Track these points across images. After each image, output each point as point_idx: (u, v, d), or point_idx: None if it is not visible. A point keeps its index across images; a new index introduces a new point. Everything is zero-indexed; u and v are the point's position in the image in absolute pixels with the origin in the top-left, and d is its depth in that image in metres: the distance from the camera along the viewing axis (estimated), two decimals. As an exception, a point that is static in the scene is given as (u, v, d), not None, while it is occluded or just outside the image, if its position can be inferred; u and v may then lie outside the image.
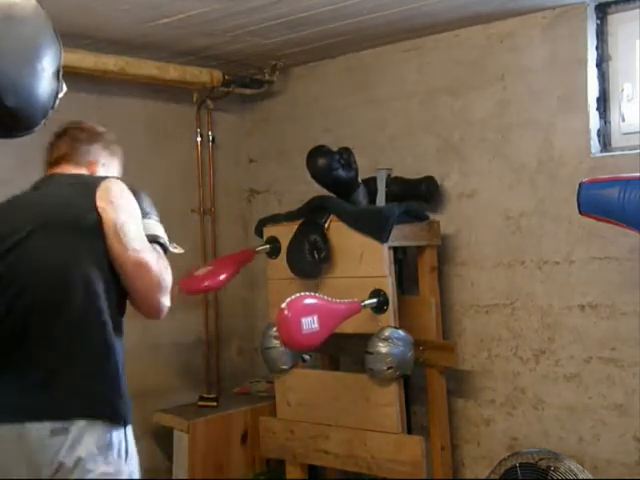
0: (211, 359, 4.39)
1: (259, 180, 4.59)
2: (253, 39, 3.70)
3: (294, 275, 3.57)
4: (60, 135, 2.39)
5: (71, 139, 2.37)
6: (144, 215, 2.26)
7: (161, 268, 2.15)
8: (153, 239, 2.23)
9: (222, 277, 3.66)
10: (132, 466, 2.13)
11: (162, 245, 2.26)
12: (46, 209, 2.17)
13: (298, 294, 3.10)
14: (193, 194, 4.36)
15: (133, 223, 2.16)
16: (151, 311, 2.19)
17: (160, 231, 2.28)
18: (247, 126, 4.61)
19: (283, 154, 4.41)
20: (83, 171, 2.33)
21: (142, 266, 2.11)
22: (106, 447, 2.05)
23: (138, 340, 3.67)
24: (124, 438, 2.10)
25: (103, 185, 2.16)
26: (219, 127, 4.47)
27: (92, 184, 2.17)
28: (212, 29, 3.50)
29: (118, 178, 2.28)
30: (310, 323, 3.00)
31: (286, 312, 2.98)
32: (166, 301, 2.17)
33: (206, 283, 3.66)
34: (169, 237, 2.45)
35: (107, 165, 2.40)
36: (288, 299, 3.03)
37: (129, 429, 2.12)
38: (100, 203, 2.11)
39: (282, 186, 4.43)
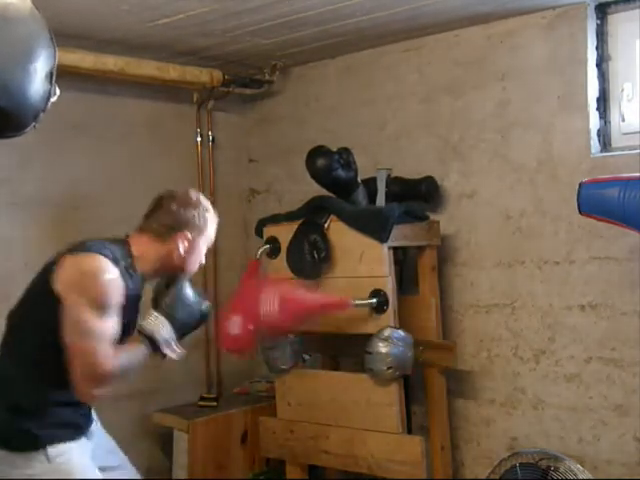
0: (211, 359, 4.39)
1: (259, 180, 4.58)
2: (253, 39, 3.69)
3: (294, 275, 3.57)
4: (153, 203, 2.43)
5: (160, 208, 2.40)
6: (155, 306, 2.31)
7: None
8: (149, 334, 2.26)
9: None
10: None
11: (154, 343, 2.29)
12: None
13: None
14: (193, 194, 4.34)
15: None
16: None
17: (160, 329, 2.29)
18: (247, 126, 4.61)
19: (283, 154, 4.41)
20: (157, 242, 2.35)
21: None
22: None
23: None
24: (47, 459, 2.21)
25: (61, 263, 2.23)
26: (219, 127, 4.47)
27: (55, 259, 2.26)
28: (212, 29, 3.50)
29: (103, 254, 2.24)
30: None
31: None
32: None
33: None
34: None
35: (197, 236, 2.40)
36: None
37: (57, 448, 2.23)
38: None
39: (282, 186, 4.43)
